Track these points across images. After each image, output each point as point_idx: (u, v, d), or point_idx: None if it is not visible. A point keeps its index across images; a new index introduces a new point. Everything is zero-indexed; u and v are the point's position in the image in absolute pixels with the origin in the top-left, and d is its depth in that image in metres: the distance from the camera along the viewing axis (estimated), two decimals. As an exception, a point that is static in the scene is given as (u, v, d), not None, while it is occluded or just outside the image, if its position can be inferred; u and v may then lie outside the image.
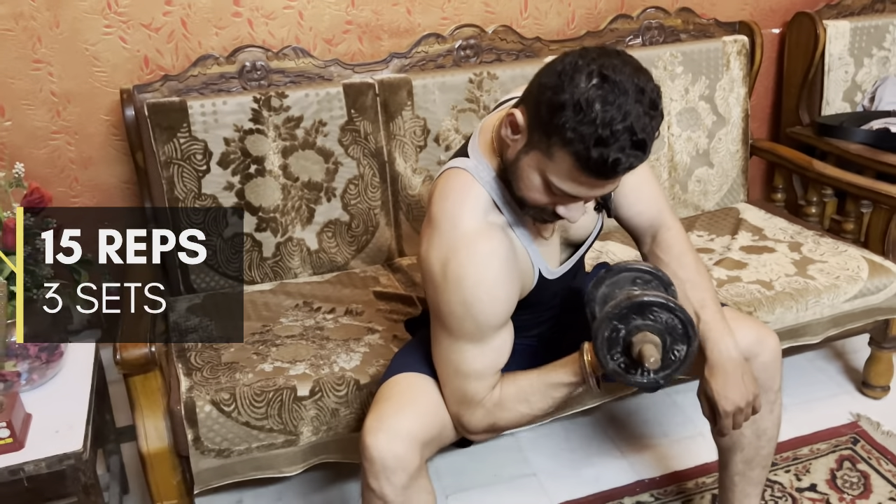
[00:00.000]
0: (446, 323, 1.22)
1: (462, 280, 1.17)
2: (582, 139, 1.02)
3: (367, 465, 1.21)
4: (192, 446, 1.46)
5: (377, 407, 1.26)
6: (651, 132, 1.03)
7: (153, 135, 1.84)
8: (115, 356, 1.39)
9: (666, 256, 1.41)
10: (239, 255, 1.96)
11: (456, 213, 1.19)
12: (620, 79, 1.02)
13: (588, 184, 1.07)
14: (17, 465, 1.36)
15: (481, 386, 1.26)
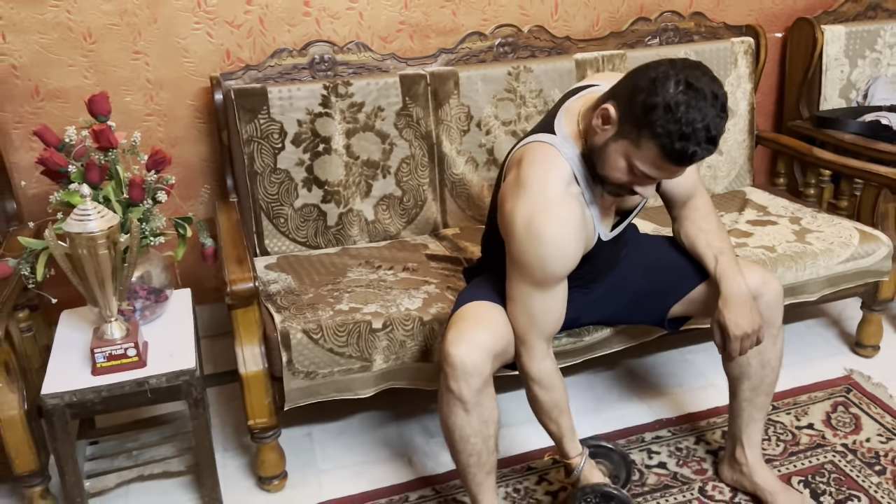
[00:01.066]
0: (521, 270, 1.48)
1: (542, 237, 1.42)
2: (669, 134, 1.28)
3: (449, 371, 1.47)
4: (285, 368, 1.74)
5: (456, 325, 1.53)
6: (721, 130, 1.30)
7: (238, 116, 2.13)
8: (227, 289, 1.67)
9: (693, 214, 1.70)
10: (307, 223, 2.24)
11: (543, 179, 1.44)
12: (701, 86, 1.28)
13: (667, 170, 1.35)
14: (143, 378, 1.64)
15: (537, 338, 1.53)
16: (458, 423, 1.50)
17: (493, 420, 1.54)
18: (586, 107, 1.47)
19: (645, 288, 1.75)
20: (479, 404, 1.49)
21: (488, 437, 1.54)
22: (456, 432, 1.52)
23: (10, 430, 1.62)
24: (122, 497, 1.88)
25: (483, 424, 1.51)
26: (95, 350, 1.62)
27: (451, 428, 1.52)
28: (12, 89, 2.13)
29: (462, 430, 1.51)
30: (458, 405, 1.48)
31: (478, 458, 1.54)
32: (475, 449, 1.53)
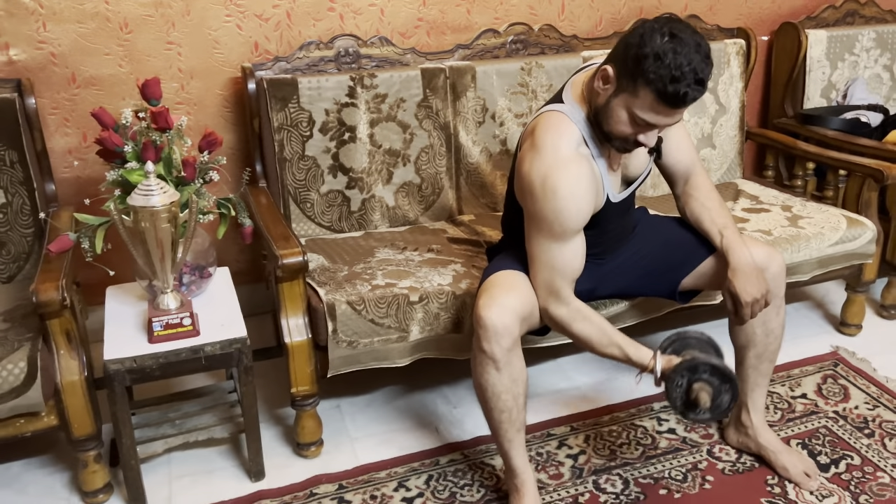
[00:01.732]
0: (540, 225, 1.62)
1: (557, 191, 1.57)
2: (661, 79, 1.44)
3: (482, 332, 1.60)
4: (330, 337, 1.85)
5: (488, 291, 1.66)
6: (707, 74, 1.47)
7: (270, 104, 2.24)
8: (278, 262, 1.78)
9: (696, 193, 1.86)
10: (332, 208, 2.36)
11: (556, 141, 1.60)
12: (684, 36, 1.45)
13: (664, 112, 1.50)
14: (198, 345, 1.74)
15: (563, 283, 1.67)
16: (490, 381, 1.64)
17: (522, 379, 1.67)
18: (587, 76, 1.64)
19: (657, 262, 1.90)
20: (509, 363, 1.62)
21: (518, 395, 1.67)
22: (488, 390, 1.65)
23: (71, 395, 1.70)
24: (164, 464, 1.97)
25: (513, 382, 1.65)
26: (153, 319, 1.72)
27: (483, 386, 1.65)
28: (50, 76, 2.21)
29: (494, 387, 1.64)
30: (490, 364, 1.62)
31: (509, 414, 1.67)
32: (506, 405, 1.66)
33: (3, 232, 2.06)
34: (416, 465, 1.96)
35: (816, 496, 1.83)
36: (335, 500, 1.84)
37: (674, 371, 1.62)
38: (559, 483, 1.90)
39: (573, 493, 1.86)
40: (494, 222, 2.40)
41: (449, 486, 1.89)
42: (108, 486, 1.85)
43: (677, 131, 1.84)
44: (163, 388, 2.18)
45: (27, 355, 1.67)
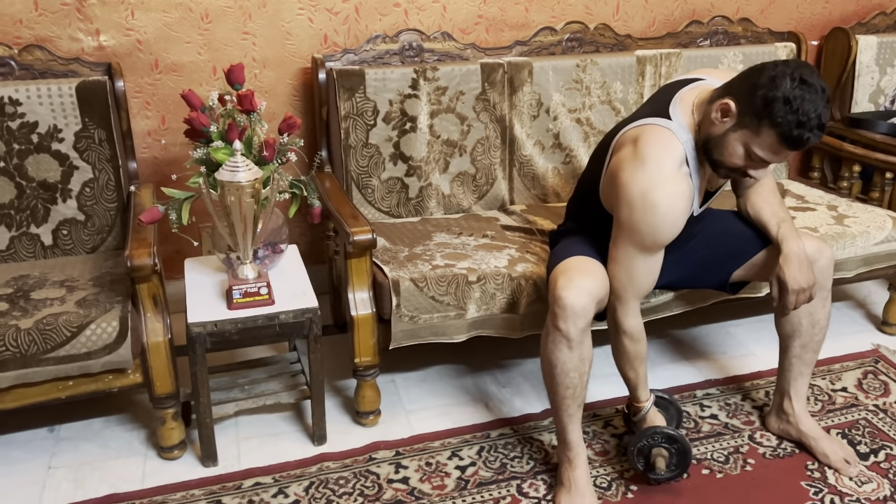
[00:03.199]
0: (632, 235, 1.70)
1: (656, 206, 1.64)
2: (787, 123, 1.52)
3: (559, 312, 1.70)
4: (394, 311, 1.97)
5: (566, 273, 1.75)
6: (827, 119, 1.55)
7: (338, 94, 2.36)
8: (348, 239, 1.91)
9: (760, 189, 1.95)
10: (391, 194, 2.48)
11: (660, 157, 1.66)
12: (813, 82, 1.52)
13: (783, 154, 1.59)
14: (274, 313, 1.87)
15: (633, 293, 1.77)
16: (561, 359, 1.73)
17: (590, 359, 1.77)
18: (700, 99, 1.70)
19: (711, 253, 1.98)
20: (581, 343, 1.72)
21: (584, 374, 1.77)
22: (558, 367, 1.74)
23: (156, 354, 1.84)
24: (232, 427, 2.11)
25: (581, 361, 1.74)
26: (234, 287, 1.85)
27: (553, 363, 1.75)
28: (135, 62, 2.36)
29: (564, 364, 1.74)
30: (563, 342, 1.71)
31: (573, 391, 1.77)
32: (573, 383, 1.76)
33: (90, 205, 2.21)
34: (468, 437, 2.06)
35: (856, 482, 1.90)
36: (392, 465, 1.95)
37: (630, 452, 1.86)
38: (605, 459, 1.99)
39: (619, 468, 1.96)
40: (545, 213, 2.50)
41: (500, 458, 1.99)
42: (182, 444, 1.98)
43: None
44: (228, 358, 2.31)
45: (119, 316, 1.81)
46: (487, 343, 2.15)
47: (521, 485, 1.90)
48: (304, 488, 1.87)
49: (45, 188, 2.17)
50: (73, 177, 2.18)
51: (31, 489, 1.88)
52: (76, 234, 2.21)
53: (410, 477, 1.92)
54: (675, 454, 1.84)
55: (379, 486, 1.88)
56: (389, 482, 1.90)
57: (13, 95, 2.11)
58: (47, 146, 2.15)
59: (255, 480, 1.90)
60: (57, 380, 1.80)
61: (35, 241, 2.19)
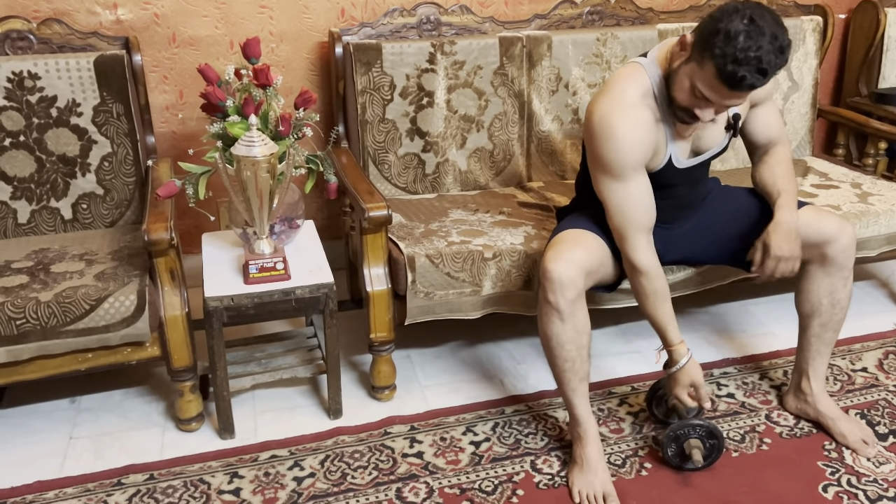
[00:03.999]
0: (601, 165, 1.72)
1: (613, 131, 1.67)
2: (724, 56, 1.50)
3: (547, 284, 1.70)
4: (409, 287, 1.97)
5: (554, 246, 1.76)
6: (774, 66, 1.51)
7: (355, 68, 2.35)
8: (364, 215, 1.90)
9: (771, 160, 1.92)
10: (408, 170, 2.47)
11: (624, 87, 1.70)
12: (763, 24, 1.50)
13: (721, 92, 1.56)
14: (290, 288, 1.88)
15: (633, 230, 1.74)
16: (554, 332, 1.73)
17: (586, 331, 1.76)
18: (674, 41, 1.71)
19: (727, 229, 1.95)
20: (573, 315, 1.71)
21: (581, 346, 1.76)
22: (553, 339, 1.74)
23: (173, 328, 1.86)
24: (249, 401, 2.13)
25: (577, 334, 1.74)
26: (250, 262, 1.86)
27: (548, 336, 1.75)
28: (153, 36, 2.36)
29: (558, 337, 1.73)
30: (554, 315, 1.71)
31: (572, 364, 1.76)
32: (570, 355, 1.75)
33: (108, 180, 2.23)
34: (482, 413, 2.07)
35: (873, 463, 1.89)
36: (407, 440, 1.97)
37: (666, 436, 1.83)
38: (620, 437, 1.99)
39: (633, 446, 1.95)
40: (563, 189, 2.48)
41: (514, 434, 1.99)
42: (200, 416, 2.01)
43: (770, 106, 1.91)
44: (245, 333, 2.33)
45: (136, 290, 1.83)
46: (503, 320, 2.14)
47: (534, 461, 1.90)
48: (319, 461, 1.89)
49: (65, 162, 2.18)
50: (91, 151, 2.20)
51: (53, 459, 1.91)
52: (95, 208, 2.23)
53: (425, 451, 1.93)
54: (709, 448, 1.83)
55: (394, 461, 1.90)
56: (404, 456, 1.91)
57: (32, 69, 2.12)
58: (66, 120, 2.16)
59: (271, 453, 1.92)
60: (76, 352, 1.83)
61: (55, 214, 2.21)
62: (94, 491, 1.80)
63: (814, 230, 1.86)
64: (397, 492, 1.80)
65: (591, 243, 1.80)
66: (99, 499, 1.78)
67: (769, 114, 1.90)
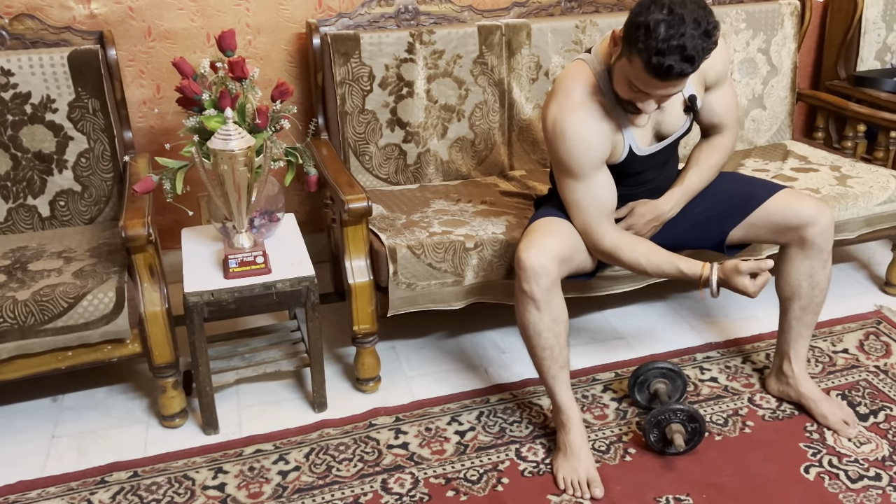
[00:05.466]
0: (560, 167, 1.76)
1: (565, 134, 1.70)
2: (648, 49, 1.51)
3: (522, 273, 1.70)
4: (391, 279, 1.97)
5: (528, 236, 1.76)
6: (700, 51, 1.51)
7: (333, 59, 2.33)
8: (344, 207, 1.89)
9: (706, 146, 1.97)
10: (389, 161, 2.46)
11: (570, 86, 1.72)
12: (683, 12, 1.50)
13: (653, 84, 1.57)
14: (271, 282, 1.87)
15: (597, 219, 1.78)
16: (531, 320, 1.73)
17: (563, 319, 1.76)
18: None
19: (706, 213, 1.96)
20: (549, 303, 1.72)
21: (559, 334, 1.76)
22: (530, 328, 1.75)
23: (153, 324, 1.85)
24: (233, 395, 2.12)
25: (553, 321, 1.74)
26: (230, 256, 1.85)
27: (525, 324, 1.75)
28: (128, 30, 2.34)
29: (535, 325, 1.74)
30: (530, 304, 1.71)
31: (551, 351, 1.77)
32: (548, 343, 1.75)
33: (86, 176, 2.21)
34: (467, 403, 2.07)
35: (854, 443, 1.90)
36: (392, 431, 1.97)
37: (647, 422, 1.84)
38: (604, 423, 2.00)
39: (617, 432, 1.96)
40: (545, 177, 2.47)
41: (499, 422, 2.00)
42: (183, 412, 2.00)
43: (723, 90, 1.91)
44: (229, 327, 2.32)
45: (115, 286, 1.82)
46: (487, 309, 2.14)
47: (519, 449, 1.91)
48: (304, 454, 1.89)
49: (41, 159, 2.16)
50: (68, 147, 2.17)
51: (36, 458, 1.90)
52: (73, 205, 2.21)
53: (410, 442, 1.93)
54: (691, 432, 1.84)
55: (379, 452, 1.90)
56: (389, 447, 1.91)
57: (5, 66, 2.09)
58: (41, 117, 2.14)
59: (255, 447, 1.92)
60: (56, 350, 1.81)
61: (32, 212, 2.18)
62: (77, 490, 1.79)
63: (792, 213, 1.87)
64: (382, 483, 1.80)
65: (564, 231, 1.81)
66: (82, 497, 1.77)
67: (720, 98, 1.90)
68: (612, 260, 1.83)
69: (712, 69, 1.83)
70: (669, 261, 1.80)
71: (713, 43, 1.54)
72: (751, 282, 1.73)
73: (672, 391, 2.01)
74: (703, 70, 1.83)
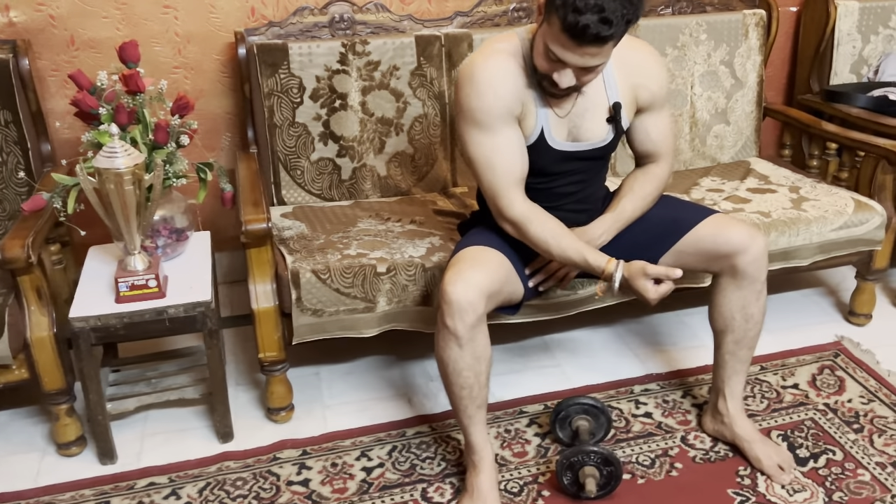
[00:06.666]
0: (465, 116, 1.65)
1: (475, 76, 1.62)
2: (564, 6, 1.43)
3: (446, 307, 1.58)
4: (294, 305, 1.86)
5: (454, 267, 1.63)
6: (619, 15, 1.42)
7: (260, 70, 2.23)
8: (242, 228, 1.79)
9: (643, 177, 1.83)
10: (322, 176, 2.35)
11: (493, 45, 1.67)
12: None
13: (570, 47, 1.47)
14: (163, 307, 1.77)
15: (506, 183, 1.67)
16: (452, 357, 1.61)
17: (486, 357, 1.64)
18: None
19: (635, 239, 1.83)
20: (472, 340, 1.60)
21: (480, 373, 1.64)
22: (450, 365, 1.63)
23: (40, 349, 1.76)
24: (141, 421, 2.03)
25: (475, 360, 1.62)
26: (119, 279, 1.75)
27: (445, 361, 1.63)
28: (50, 38, 2.26)
29: (456, 363, 1.62)
30: (452, 340, 1.59)
31: (469, 391, 1.65)
32: (467, 382, 1.64)
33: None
34: (382, 436, 1.96)
35: (787, 490, 1.76)
36: (296, 466, 1.86)
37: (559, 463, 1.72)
38: (522, 461, 1.87)
39: (534, 472, 1.84)
40: (487, 195, 2.36)
41: (410, 458, 1.88)
42: (81, 439, 1.91)
43: (659, 116, 1.80)
44: (154, 346, 2.23)
45: (-3, 310, 1.73)
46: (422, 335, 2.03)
47: (426, 489, 1.79)
48: (198, 490, 1.79)
49: (-49, 172, 2.09)
50: (-22, 161, 2.10)
51: (-78, 486, 1.83)
52: (-15, 219, 2.13)
53: (312, 479, 1.82)
54: (606, 476, 1.72)
55: (277, 489, 1.79)
56: (289, 484, 1.80)
57: (-89, 76, 2.02)
58: (-50, 129, 2.07)
59: (149, 480, 1.82)
60: (-62, 376, 1.73)
61: (-58, 227, 2.11)
62: (-47, 523, 1.71)
63: (722, 240, 1.73)
64: (273, 524, 1.70)
65: (493, 262, 1.68)
66: (-43, 531, 1.69)
67: (655, 125, 1.79)
68: (517, 233, 1.71)
69: (645, 88, 1.72)
70: (576, 247, 1.68)
71: (634, 9, 1.46)
72: (653, 287, 1.63)
73: (595, 428, 1.88)
74: (634, 87, 1.72)
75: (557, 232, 1.69)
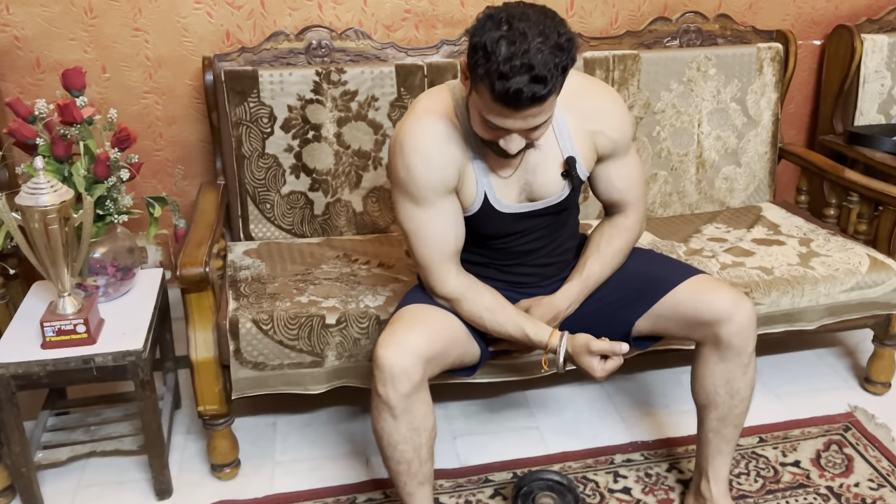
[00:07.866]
0: (398, 187, 1.49)
1: (404, 146, 1.45)
2: (489, 75, 1.24)
3: (378, 374, 1.42)
4: (232, 357, 1.72)
5: (391, 327, 1.48)
6: (551, 67, 1.23)
7: (227, 98, 2.11)
8: (176, 272, 1.66)
9: (612, 230, 1.66)
10: (293, 211, 2.22)
11: (420, 104, 1.50)
12: (524, 26, 1.23)
13: (505, 113, 1.29)
14: (89, 355, 1.64)
15: (440, 258, 1.51)
16: (386, 429, 1.45)
17: (426, 428, 1.47)
18: None
19: (608, 297, 1.65)
20: (408, 410, 1.43)
21: (420, 446, 1.47)
22: (384, 438, 1.46)
23: (-40, 395, 1.64)
24: (78, 470, 1.90)
25: (413, 432, 1.45)
26: (45, 324, 1.63)
27: (379, 433, 1.47)
28: (15, 60, 2.17)
29: (390, 436, 1.45)
30: (385, 410, 1.43)
31: (407, 466, 1.48)
32: (404, 457, 1.47)
33: (-48, 217, 2.03)
34: (330, 501, 1.79)
35: (774, 592, 1.55)
36: (231, 531, 1.71)
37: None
38: (478, 540, 1.69)
39: (489, 553, 1.66)
40: (469, 236, 2.19)
41: (356, 530, 1.72)
42: (10, 489, 1.78)
43: (624, 162, 1.62)
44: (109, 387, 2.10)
45: (-85, 352, 1.62)
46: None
47: (366, 567, 1.62)
48: (121, 554, 1.65)
49: None
50: (-70, 186, 2.01)
51: None
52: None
53: (245, 548, 1.67)
54: None
55: (205, 558, 1.64)
56: (219, 553, 1.66)
57: None
58: None
59: (71, 540, 1.69)
60: None
61: None
62: None
63: (703, 305, 1.54)
64: None
65: (435, 323, 1.52)
66: None
67: (618, 173, 1.61)
68: (450, 305, 1.56)
69: (603, 135, 1.54)
70: (515, 321, 1.52)
71: (568, 58, 1.27)
72: (599, 364, 1.47)
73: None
74: (591, 133, 1.54)
75: (492, 306, 1.53)
